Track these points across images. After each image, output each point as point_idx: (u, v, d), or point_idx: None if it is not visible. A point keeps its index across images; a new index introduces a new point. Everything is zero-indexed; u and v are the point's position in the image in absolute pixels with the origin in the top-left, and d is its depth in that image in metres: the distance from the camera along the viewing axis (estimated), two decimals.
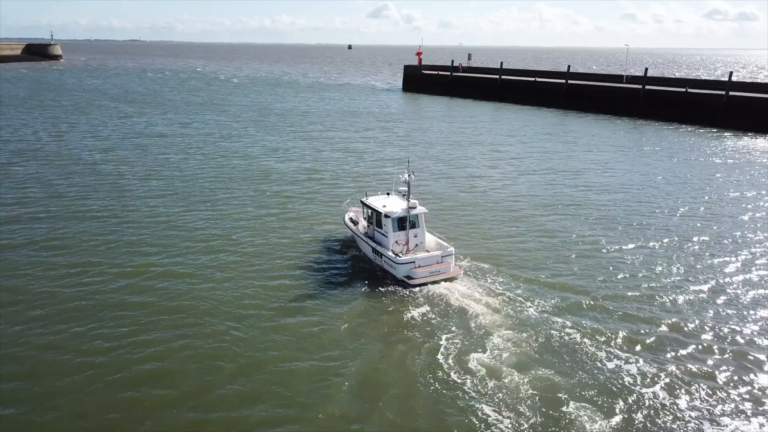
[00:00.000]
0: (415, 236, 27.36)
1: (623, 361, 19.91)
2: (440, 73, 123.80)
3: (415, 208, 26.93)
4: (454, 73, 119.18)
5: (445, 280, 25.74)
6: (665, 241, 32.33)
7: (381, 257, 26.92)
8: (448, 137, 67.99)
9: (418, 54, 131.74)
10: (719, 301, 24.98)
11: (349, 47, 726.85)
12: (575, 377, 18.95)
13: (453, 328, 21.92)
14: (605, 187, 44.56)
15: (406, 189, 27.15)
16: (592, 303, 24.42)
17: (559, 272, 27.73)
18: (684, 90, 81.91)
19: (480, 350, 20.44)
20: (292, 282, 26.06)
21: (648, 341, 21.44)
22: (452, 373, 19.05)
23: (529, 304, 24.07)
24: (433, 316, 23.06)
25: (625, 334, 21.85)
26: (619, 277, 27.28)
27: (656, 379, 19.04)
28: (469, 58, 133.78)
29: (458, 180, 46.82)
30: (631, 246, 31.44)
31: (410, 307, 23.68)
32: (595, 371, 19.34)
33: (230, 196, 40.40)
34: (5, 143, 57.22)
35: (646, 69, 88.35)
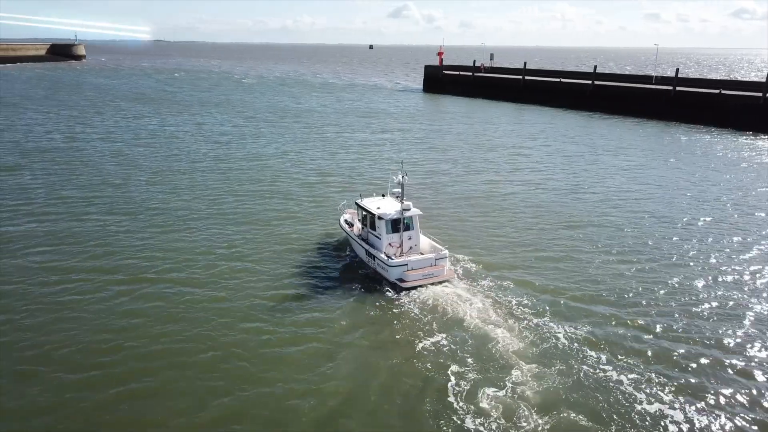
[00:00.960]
0: (410, 239, 26.71)
1: (667, 406, 17.26)
2: (461, 73, 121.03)
3: (409, 210, 26.25)
4: (475, 74, 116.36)
5: (439, 283, 24.84)
6: (700, 254, 29.50)
7: (374, 259, 26.16)
8: (468, 140, 65.43)
9: (439, 54, 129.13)
10: (765, 328, 22.20)
11: (370, 47, 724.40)
12: (611, 426, 16.39)
13: (466, 358, 19.50)
14: (634, 195, 41.63)
15: (400, 191, 26.38)
16: (628, 329, 21.78)
17: (587, 290, 25.17)
18: (718, 91, 78.06)
19: (493, 384, 18.02)
20: (284, 292, 24.71)
21: (695, 381, 18.73)
22: (458, 411, 16.66)
23: (555, 328, 21.56)
24: (444, 340, 20.68)
25: (666, 369, 19.24)
26: (655, 298, 24.57)
27: (708, 429, 16.42)
28: (491, 58, 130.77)
29: (477, 185, 44.34)
30: (664, 261, 28.73)
31: (419, 333, 21.34)
32: (634, 415, 16.77)
33: (236, 199, 38.63)
34: (17, 144, 56.24)
35: (677, 69, 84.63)
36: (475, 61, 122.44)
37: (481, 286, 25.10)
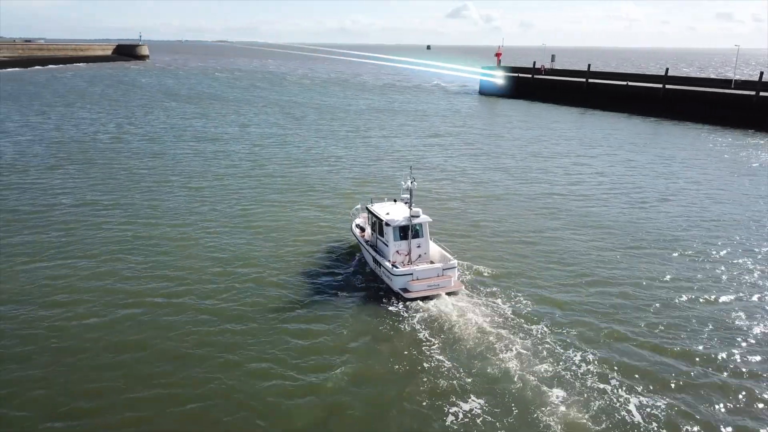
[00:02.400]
0: (418, 246, 25.44)
1: None
2: (520, 75, 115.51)
3: (418, 216, 25.01)
4: (535, 75, 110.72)
5: (446, 294, 23.38)
6: None
7: (380, 267, 24.97)
8: (524, 146, 60.81)
9: (497, 55, 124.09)
10: None
11: (428, 48, 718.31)
12: None
13: (469, 396, 15.70)
14: (710, 215, 36.21)
15: (409, 196, 25.33)
16: (701, 390, 17.42)
17: (653, 334, 20.88)
18: None
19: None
20: (284, 300, 23.71)
21: None
22: None
23: (612, 378, 17.52)
24: (443, 369, 17.39)
25: None
26: (731, 348, 19.97)
27: None
28: (552, 60, 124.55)
29: (531, 198, 40.00)
30: (744, 300, 23.93)
31: (415, 353, 17.74)
32: None
33: (265, 206, 36.29)
34: (61, 145, 56.15)
35: (762, 73, 76.62)
36: (534, 62, 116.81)
37: (495, 303, 23.19)
